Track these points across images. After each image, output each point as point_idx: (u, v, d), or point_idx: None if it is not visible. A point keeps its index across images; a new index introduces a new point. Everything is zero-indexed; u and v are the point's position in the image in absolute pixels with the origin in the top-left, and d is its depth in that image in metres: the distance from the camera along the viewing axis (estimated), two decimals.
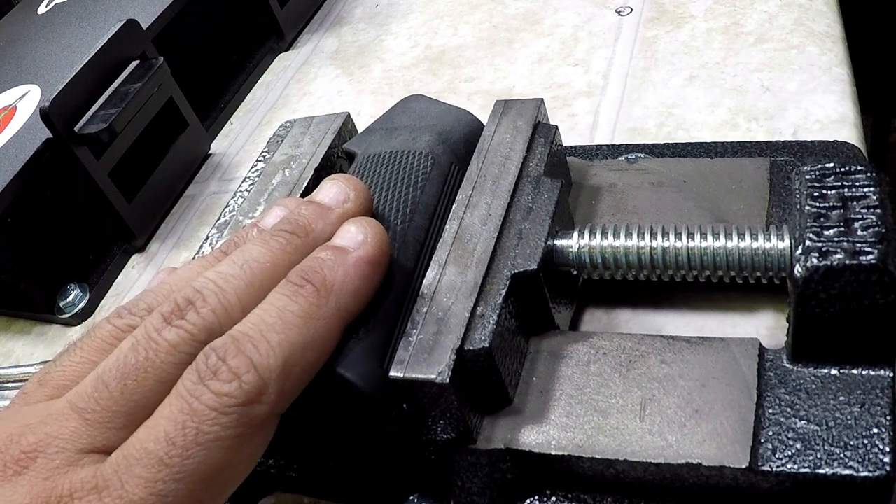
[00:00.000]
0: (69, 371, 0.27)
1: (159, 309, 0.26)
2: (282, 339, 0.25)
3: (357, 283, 0.28)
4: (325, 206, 0.30)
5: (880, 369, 0.27)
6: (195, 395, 0.24)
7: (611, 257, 0.33)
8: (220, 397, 0.24)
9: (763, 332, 0.33)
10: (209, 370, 0.24)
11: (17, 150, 0.48)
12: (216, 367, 0.24)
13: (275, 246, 0.28)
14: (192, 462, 0.23)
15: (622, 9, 0.57)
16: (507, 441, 0.29)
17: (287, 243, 0.28)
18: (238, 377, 0.24)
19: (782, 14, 0.50)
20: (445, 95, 0.54)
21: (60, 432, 0.24)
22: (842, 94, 0.44)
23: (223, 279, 0.27)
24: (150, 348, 0.25)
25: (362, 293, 0.28)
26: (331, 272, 0.27)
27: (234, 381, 0.24)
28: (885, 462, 0.25)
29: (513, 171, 0.35)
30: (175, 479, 0.23)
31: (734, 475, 0.27)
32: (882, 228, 0.27)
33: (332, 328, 0.27)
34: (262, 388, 0.24)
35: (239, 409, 0.24)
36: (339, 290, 0.27)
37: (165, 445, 0.23)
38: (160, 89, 0.52)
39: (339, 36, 0.67)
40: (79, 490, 0.23)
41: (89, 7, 0.63)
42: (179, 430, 0.23)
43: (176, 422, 0.23)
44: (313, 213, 0.30)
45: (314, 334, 0.26)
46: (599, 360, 0.31)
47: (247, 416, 0.24)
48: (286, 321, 0.26)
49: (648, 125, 0.47)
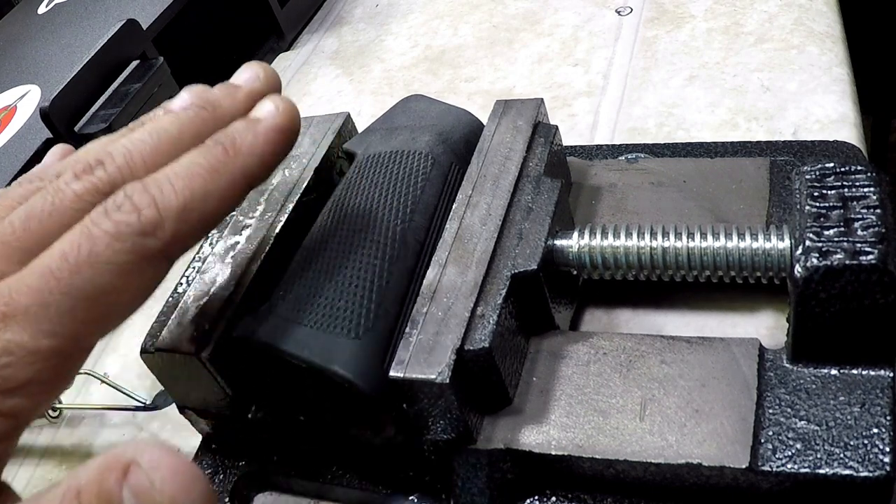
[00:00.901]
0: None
1: (71, 166, 0.28)
2: (185, 185, 0.27)
3: (264, 148, 0.29)
4: (233, 85, 0.32)
5: (880, 369, 0.27)
6: (96, 223, 0.25)
7: (611, 257, 0.33)
8: (117, 224, 0.25)
9: (763, 332, 0.33)
10: (115, 205, 0.26)
11: (17, 150, 0.48)
12: (121, 203, 0.26)
13: (183, 117, 0.30)
14: (80, 279, 0.24)
15: (622, 9, 0.57)
16: (507, 441, 0.29)
17: (196, 116, 0.30)
18: (139, 210, 0.26)
19: (782, 14, 0.50)
20: (445, 95, 0.54)
21: None
22: (842, 94, 0.44)
23: (132, 143, 0.29)
24: (56, 196, 0.27)
25: (268, 158, 0.30)
26: (240, 136, 0.29)
27: (133, 212, 0.25)
28: (885, 462, 0.25)
29: (513, 171, 0.34)
30: (61, 292, 0.24)
31: (734, 475, 0.27)
32: (882, 228, 0.27)
33: (236, 184, 0.28)
34: (159, 222, 0.26)
35: (133, 237, 0.25)
36: (248, 151, 0.29)
37: (58, 260, 0.24)
38: (160, 89, 0.52)
39: (339, 36, 0.67)
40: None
41: (89, 7, 0.63)
42: (74, 249, 0.25)
43: (72, 243, 0.25)
44: (222, 91, 0.31)
45: (216, 186, 0.27)
46: (599, 360, 0.31)
47: (140, 246, 0.25)
48: (192, 171, 0.27)
49: (648, 125, 0.47)
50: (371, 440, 0.31)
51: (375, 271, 0.31)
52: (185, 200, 0.26)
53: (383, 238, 0.32)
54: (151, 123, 0.30)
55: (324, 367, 0.28)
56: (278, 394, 0.32)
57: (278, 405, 0.33)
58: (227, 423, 0.34)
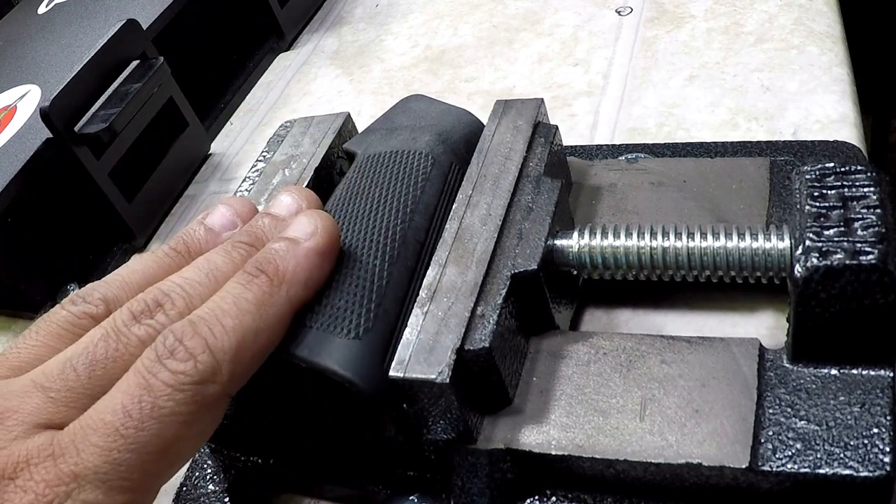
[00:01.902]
0: (24, 354, 0.28)
1: (129, 306, 0.28)
2: (236, 325, 0.27)
3: (307, 273, 0.29)
4: (279, 217, 0.32)
5: (880, 369, 0.27)
6: (152, 372, 0.25)
7: (611, 257, 0.33)
8: (175, 375, 0.25)
9: (763, 332, 0.33)
10: (167, 350, 0.25)
11: (17, 150, 0.48)
12: (173, 347, 0.25)
13: (236, 257, 0.30)
14: (146, 434, 0.24)
15: (622, 9, 0.57)
16: (507, 441, 0.29)
17: (247, 255, 0.30)
18: (194, 357, 0.25)
19: (782, 14, 0.50)
20: (445, 95, 0.54)
21: (21, 406, 0.25)
22: (842, 94, 0.44)
23: (190, 285, 0.29)
24: (120, 341, 0.27)
25: (312, 282, 0.30)
26: (283, 262, 0.29)
27: (189, 360, 0.25)
28: (885, 462, 0.25)
29: (513, 170, 0.34)
30: (129, 450, 0.24)
31: (734, 475, 0.27)
32: (882, 228, 0.27)
33: (283, 315, 0.28)
34: (216, 368, 0.26)
35: (193, 387, 0.25)
36: (291, 279, 0.29)
37: (122, 417, 0.24)
38: (160, 89, 0.52)
39: (339, 36, 0.67)
40: (35, 457, 0.24)
41: (89, 7, 0.63)
42: (136, 403, 0.24)
43: (133, 396, 0.25)
44: (269, 225, 0.32)
45: (266, 321, 0.27)
46: (599, 360, 0.31)
47: (200, 395, 0.25)
48: (241, 308, 0.27)
49: (648, 125, 0.47)
50: (371, 440, 0.31)
51: (375, 271, 0.31)
52: (237, 340, 0.26)
53: (383, 238, 0.32)
54: (206, 262, 0.30)
55: (324, 367, 0.28)
56: (278, 394, 0.32)
57: (278, 405, 0.33)
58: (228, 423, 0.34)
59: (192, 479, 0.36)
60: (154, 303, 0.28)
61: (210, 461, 0.36)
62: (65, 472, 0.23)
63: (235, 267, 0.29)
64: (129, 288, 0.30)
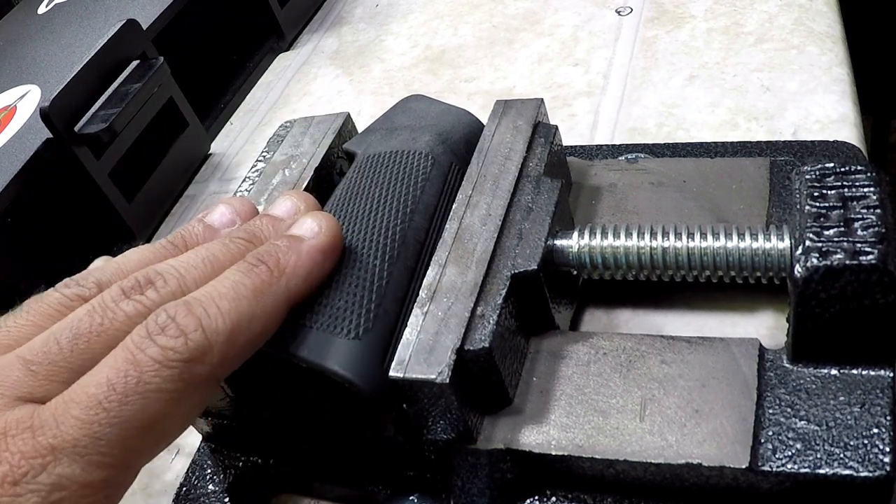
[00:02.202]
0: (14, 332, 0.27)
1: (119, 283, 0.28)
2: (231, 308, 0.26)
3: (308, 269, 0.29)
4: (278, 217, 0.32)
5: (880, 369, 0.27)
6: (140, 348, 0.25)
7: (611, 257, 0.33)
8: (164, 351, 0.24)
9: (763, 332, 0.33)
10: (158, 326, 0.25)
11: (17, 150, 0.48)
12: (165, 324, 0.25)
13: (233, 248, 0.30)
14: (130, 409, 0.24)
15: (622, 9, 0.57)
16: (507, 441, 0.29)
17: (245, 249, 0.30)
18: (185, 334, 0.25)
19: (782, 14, 0.50)
20: (445, 95, 0.54)
21: (2, 380, 0.25)
22: (842, 94, 0.44)
23: (184, 267, 0.28)
24: (105, 315, 0.26)
25: (312, 278, 0.30)
26: (284, 256, 0.29)
27: (180, 337, 0.25)
28: (885, 462, 0.25)
29: (513, 171, 0.34)
30: (111, 423, 0.23)
31: (734, 475, 0.27)
32: (882, 228, 0.27)
33: (279, 306, 0.28)
34: (207, 348, 0.25)
35: (181, 364, 0.25)
36: (291, 272, 0.29)
37: (106, 390, 0.24)
38: (160, 89, 0.52)
39: (339, 36, 0.67)
40: (13, 428, 0.23)
41: (89, 7, 0.63)
42: (121, 377, 0.24)
43: (119, 370, 0.24)
44: (268, 225, 0.32)
45: (262, 309, 0.27)
46: (599, 360, 0.31)
47: (188, 373, 0.25)
48: (238, 293, 0.27)
49: (648, 125, 0.47)
50: (371, 440, 0.31)
51: (375, 271, 0.31)
52: (232, 324, 0.26)
53: (383, 238, 0.32)
54: (204, 249, 0.29)
55: (324, 367, 0.28)
56: (278, 394, 0.32)
57: (278, 405, 0.33)
58: (227, 423, 0.34)
59: (192, 479, 0.36)
60: (145, 280, 0.27)
61: (210, 461, 0.36)
62: (42, 445, 0.23)
63: (232, 257, 0.29)
64: (123, 274, 0.29)
